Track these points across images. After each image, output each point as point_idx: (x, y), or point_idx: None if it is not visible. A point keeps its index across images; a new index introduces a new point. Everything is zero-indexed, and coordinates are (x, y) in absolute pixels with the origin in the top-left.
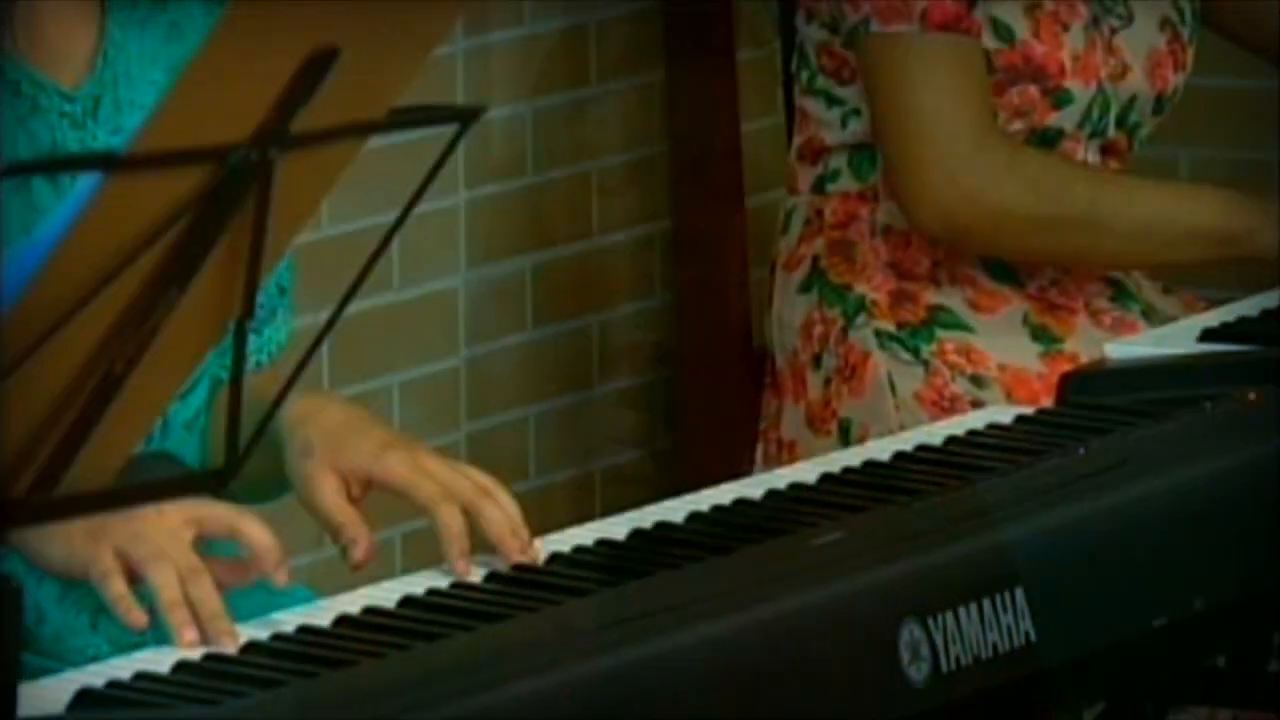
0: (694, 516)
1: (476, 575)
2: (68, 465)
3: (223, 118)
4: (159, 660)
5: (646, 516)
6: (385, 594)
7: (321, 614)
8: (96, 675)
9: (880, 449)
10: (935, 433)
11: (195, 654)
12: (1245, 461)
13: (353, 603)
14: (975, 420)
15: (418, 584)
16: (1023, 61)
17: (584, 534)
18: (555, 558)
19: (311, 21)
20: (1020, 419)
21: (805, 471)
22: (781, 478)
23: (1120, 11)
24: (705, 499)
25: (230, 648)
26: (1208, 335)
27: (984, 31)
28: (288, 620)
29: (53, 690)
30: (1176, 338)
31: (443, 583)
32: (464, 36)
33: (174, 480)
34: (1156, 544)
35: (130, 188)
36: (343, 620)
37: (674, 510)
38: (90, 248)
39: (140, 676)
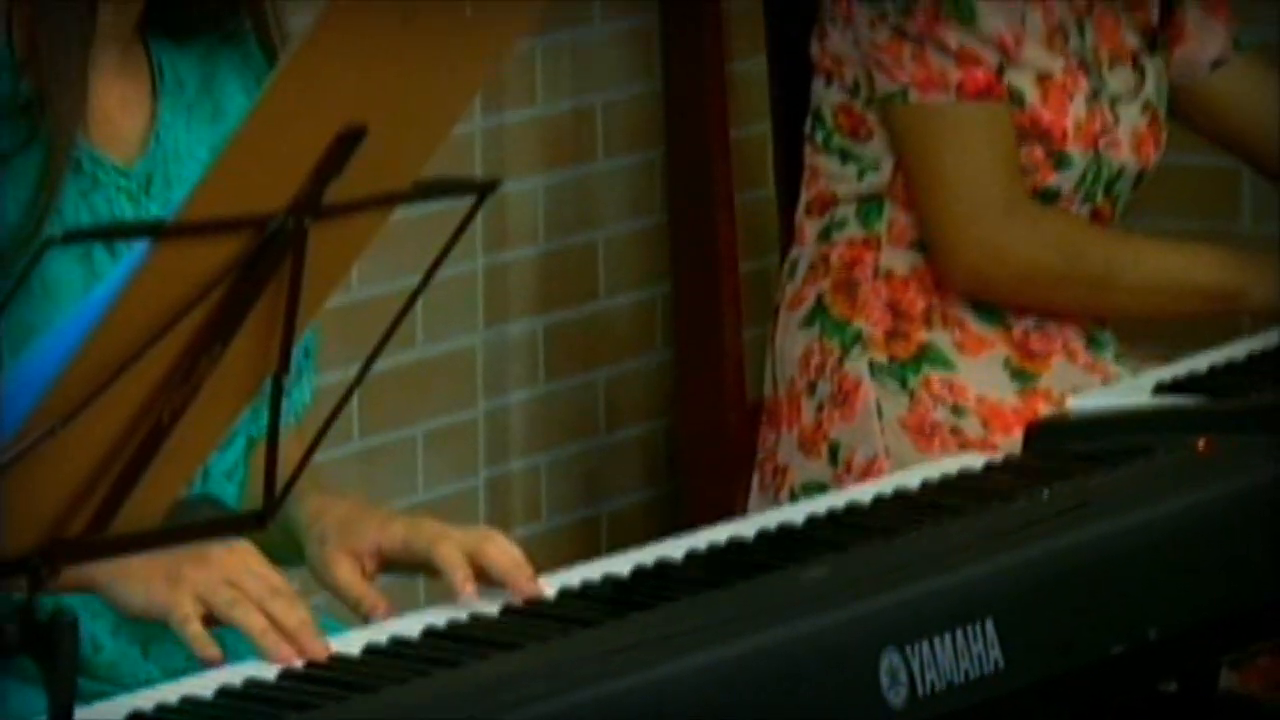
0: (692, 554)
1: (493, 608)
2: (119, 507)
3: (261, 189)
4: (203, 685)
5: (648, 554)
6: (409, 625)
7: (351, 643)
8: (146, 699)
9: (862, 493)
10: (912, 478)
11: (236, 680)
12: (1196, 504)
13: (380, 633)
14: (949, 466)
15: (439, 616)
16: (1030, 124)
17: (591, 570)
18: (565, 592)
19: (342, 101)
20: (989, 466)
21: (793, 513)
22: (772, 519)
23: (1113, 91)
24: (702, 538)
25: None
26: (1161, 388)
27: None
28: None
29: (105, 713)
30: (1133, 390)
31: (462, 615)
32: (481, 116)
33: (217, 520)
34: (1114, 579)
35: (177, 253)
36: (371, 649)
37: (673, 549)
38: (140, 308)
39: (186, 700)
